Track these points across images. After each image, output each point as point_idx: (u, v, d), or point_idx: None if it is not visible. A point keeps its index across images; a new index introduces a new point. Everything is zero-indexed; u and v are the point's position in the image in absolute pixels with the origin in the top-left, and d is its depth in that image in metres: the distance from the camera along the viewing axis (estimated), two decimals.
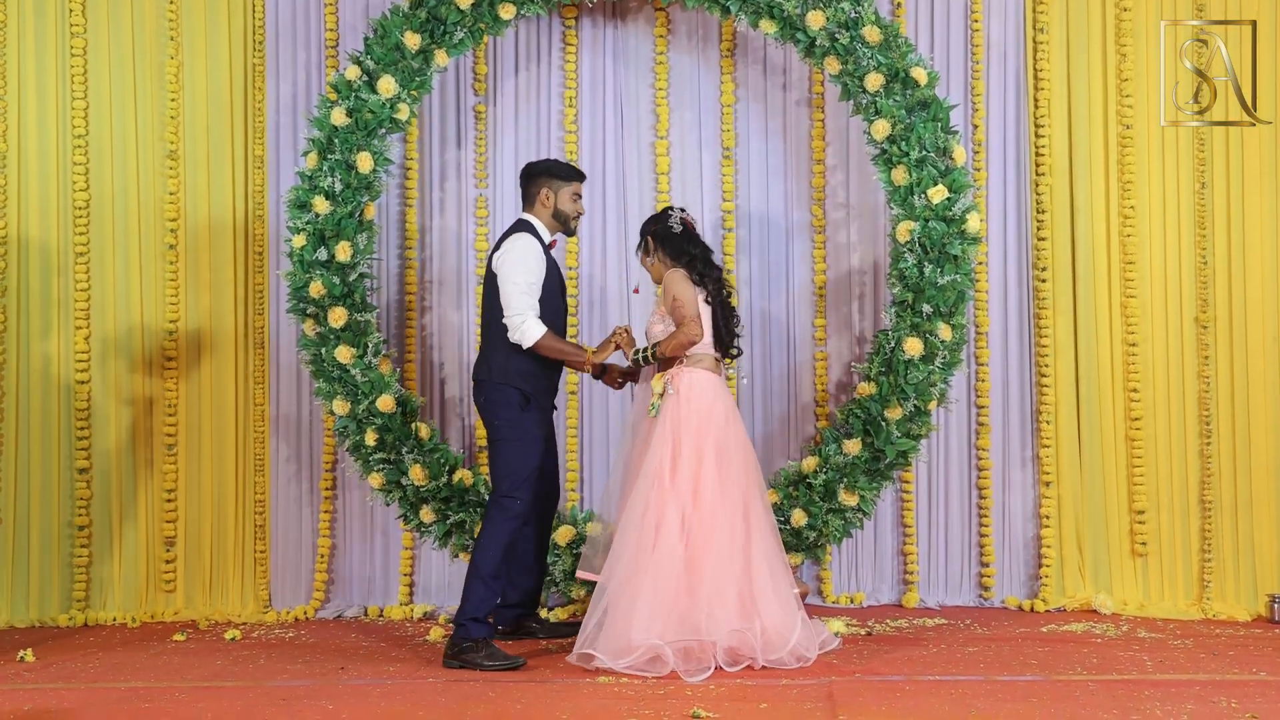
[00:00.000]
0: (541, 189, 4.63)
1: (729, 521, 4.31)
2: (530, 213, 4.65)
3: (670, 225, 4.61)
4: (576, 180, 4.69)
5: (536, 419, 4.56)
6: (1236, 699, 3.72)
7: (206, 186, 5.49)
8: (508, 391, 4.51)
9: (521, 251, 4.50)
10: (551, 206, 4.63)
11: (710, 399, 4.45)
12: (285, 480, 5.50)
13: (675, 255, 4.57)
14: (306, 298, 5.06)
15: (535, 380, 4.54)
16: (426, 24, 5.08)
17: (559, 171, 4.67)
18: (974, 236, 5.03)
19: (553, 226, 4.65)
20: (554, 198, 4.63)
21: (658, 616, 4.12)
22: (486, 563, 4.41)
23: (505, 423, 4.51)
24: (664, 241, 4.60)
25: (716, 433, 4.40)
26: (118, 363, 5.45)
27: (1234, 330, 5.40)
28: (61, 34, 5.46)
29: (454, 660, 4.31)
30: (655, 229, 4.64)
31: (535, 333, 4.44)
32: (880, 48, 5.01)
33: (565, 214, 4.65)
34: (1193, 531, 5.38)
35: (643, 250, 4.69)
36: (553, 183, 4.63)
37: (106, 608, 5.39)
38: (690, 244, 4.59)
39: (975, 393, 5.48)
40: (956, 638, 4.77)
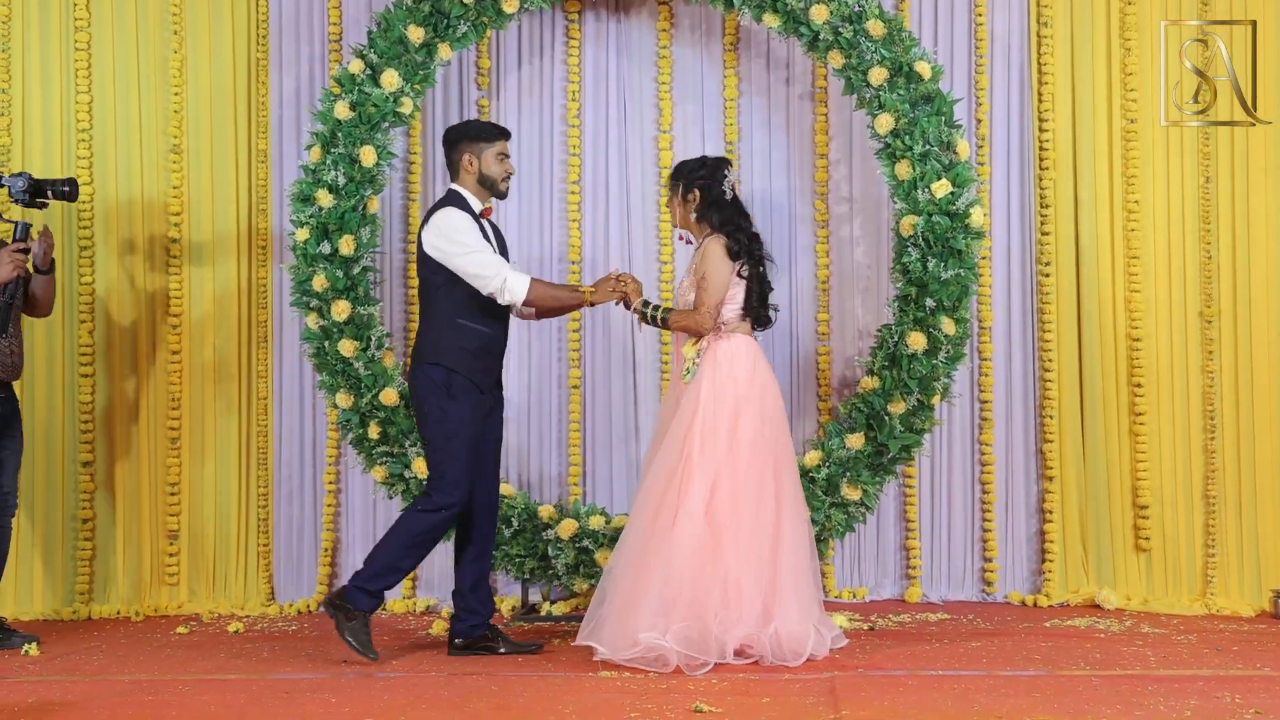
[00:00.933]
0: (464, 155, 4.36)
1: (758, 506, 4.17)
2: (457, 182, 4.40)
3: (723, 190, 4.35)
4: (500, 139, 4.41)
5: (467, 413, 4.29)
6: (1240, 694, 3.71)
7: (210, 180, 5.49)
8: (434, 372, 4.28)
9: (447, 223, 4.27)
10: (476, 171, 4.36)
11: (749, 369, 4.29)
12: (288, 474, 5.50)
13: (719, 222, 4.34)
14: (310, 291, 5.06)
15: (469, 358, 4.30)
16: (430, 17, 5.08)
17: (479, 133, 4.40)
18: (977, 231, 5.02)
19: (481, 194, 4.38)
20: (477, 162, 4.36)
21: (665, 611, 4.05)
22: (396, 544, 4.29)
23: (431, 412, 4.29)
24: (711, 204, 4.35)
25: (754, 406, 4.24)
26: (121, 356, 5.46)
27: (1238, 325, 5.39)
28: (65, 28, 5.46)
29: (329, 607, 4.29)
30: (703, 183, 4.37)
31: (521, 284, 4.23)
32: (884, 42, 5.00)
33: (492, 177, 4.37)
34: (1196, 526, 5.37)
35: (678, 195, 4.41)
36: (474, 146, 4.37)
37: (110, 601, 5.40)
38: (738, 214, 4.36)
39: (978, 387, 5.48)
40: (959, 633, 4.76)
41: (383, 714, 3.59)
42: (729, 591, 4.09)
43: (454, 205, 4.34)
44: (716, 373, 4.26)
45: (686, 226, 4.46)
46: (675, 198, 4.44)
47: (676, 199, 4.43)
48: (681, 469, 4.17)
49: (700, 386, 4.25)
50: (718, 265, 4.29)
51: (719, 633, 4.06)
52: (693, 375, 4.28)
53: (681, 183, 4.41)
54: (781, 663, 4.09)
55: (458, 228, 4.28)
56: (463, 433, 4.29)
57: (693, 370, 4.29)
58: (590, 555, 5.07)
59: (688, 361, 4.32)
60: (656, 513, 4.15)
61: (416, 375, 4.35)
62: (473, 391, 4.33)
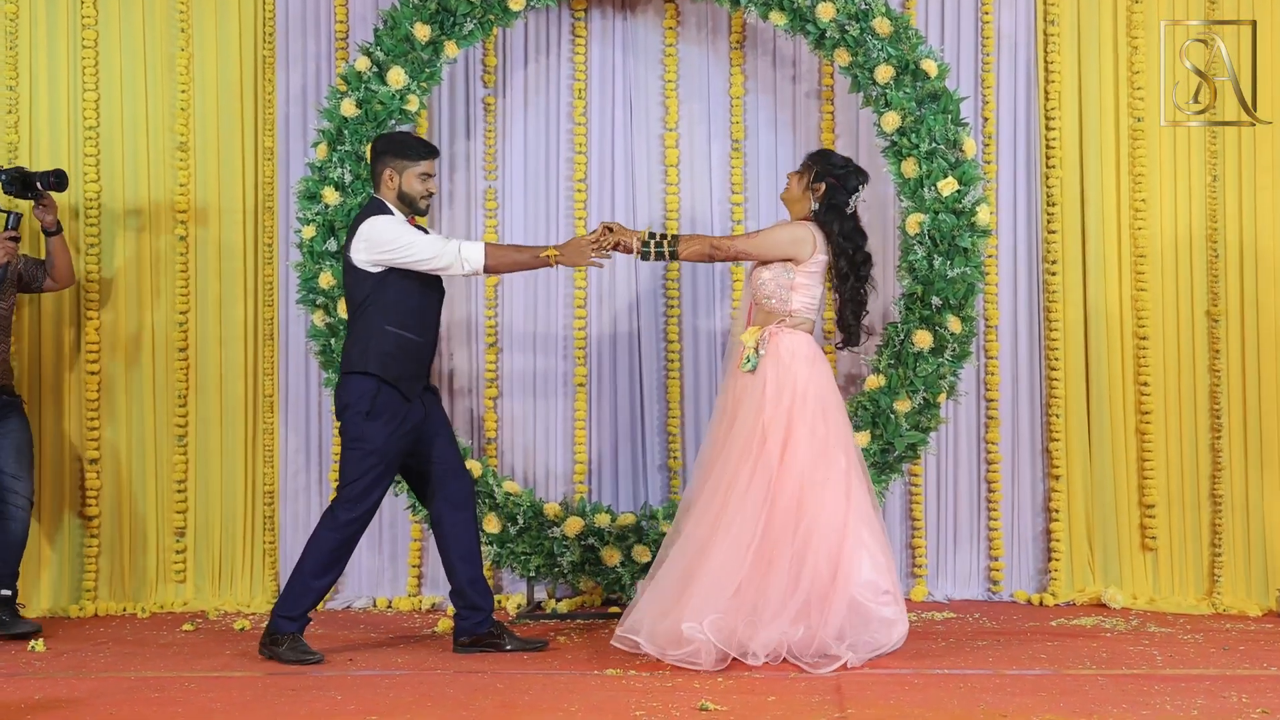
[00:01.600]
0: (385, 169, 4.27)
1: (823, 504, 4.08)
2: (379, 194, 4.33)
3: (849, 201, 4.33)
4: (427, 159, 4.30)
5: (386, 434, 4.21)
6: (1247, 694, 3.71)
7: (216, 178, 5.49)
8: (362, 382, 4.20)
9: (375, 233, 4.19)
10: (396, 188, 4.27)
11: (809, 367, 4.23)
12: (294, 471, 5.51)
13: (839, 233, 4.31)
14: (316, 289, 5.07)
15: (397, 366, 4.23)
16: (436, 15, 5.08)
17: (403, 150, 4.28)
18: (984, 229, 5.01)
19: (401, 209, 4.29)
20: (398, 179, 4.26)
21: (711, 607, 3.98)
22: (309, 566, 4.29)
23: (350, 425, 4.24)
24: (832, 207, 4.32)
25: (814, 405, 4.18)
26: (127, 354, 5.46)
27: (1245, 324, 5.38)
28: (73, 26, 5.47)
29: (265, 650, 4.30)
30: (836, 183, 4.32)
31: (476, 252, 4.20)
32: (890, 40, 5.00)
33: (411, 195, 4.27)
34: (1203, 525, 5.36)
35: (807, 176, 4.35)
36: (397, 163, 4.26)
37: (116, 598, 5.41)
38: (858, 233, 4.34)
39: (985, 386, 5.47)
40: (965, 631, 4.76)
41: (388, 711, 3.59)
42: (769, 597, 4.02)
43: (378, 213, 4.27)
44: (777, 370, 4.20)
45: (792, 206, 4.41)
46: (803, 177, 4.38)
47: (804, 180, 4.37)
48: (749, 469, 4.10)
49: (765, 382, 4.19)
50: (783, 242, 4.27)
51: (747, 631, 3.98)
52: (753, 365, 4.22)
53: (817, 169, 4.36)
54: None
55: (386, 232, 4.22)
56: (378, 452, 4.25)
57: (753, 359, 4.23)
58: (596, 553, 5.07)
59: (747, 349, 4.26)
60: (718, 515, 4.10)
61: (343, 383, 4.30)
62: (399, 404, 4.26)
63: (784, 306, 4.31)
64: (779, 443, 4.13)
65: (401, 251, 4.21)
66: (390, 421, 4.25)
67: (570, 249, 4.33)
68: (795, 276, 4.29)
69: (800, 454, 4.13)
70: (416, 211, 4.34)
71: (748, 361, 4.24)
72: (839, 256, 4.32)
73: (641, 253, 4.32)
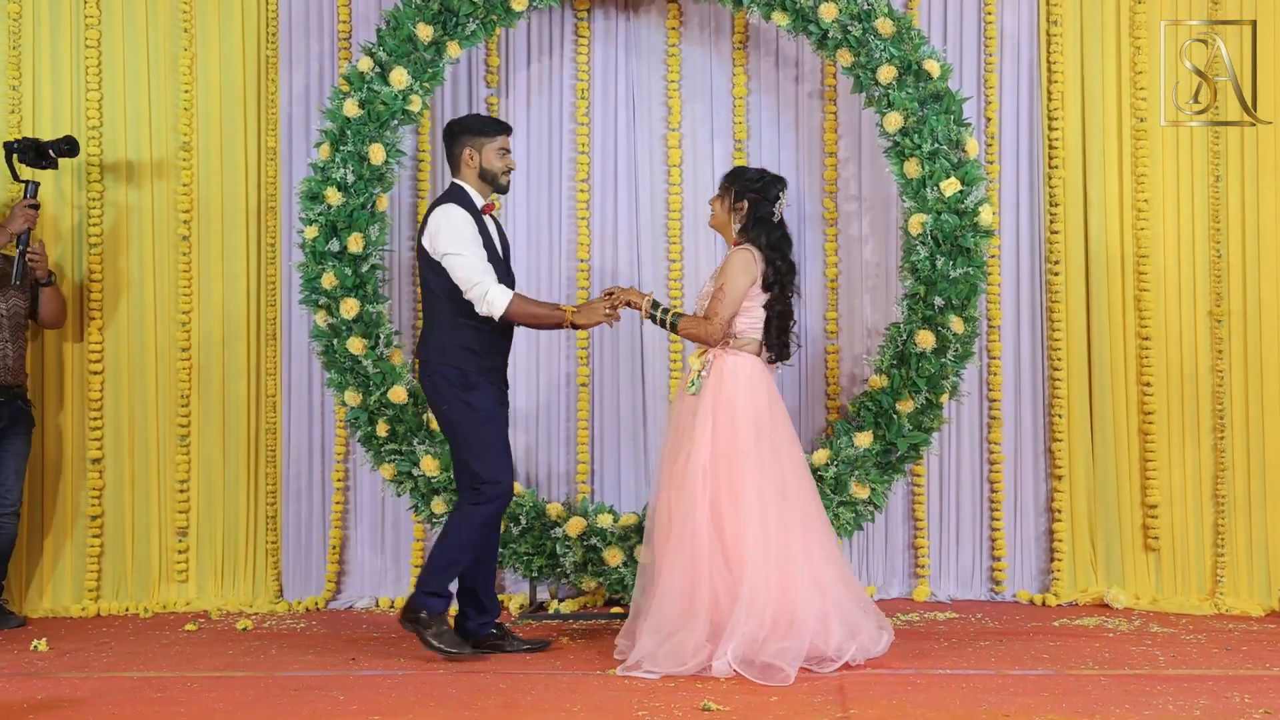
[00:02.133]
0: (465, 149, 4.33)
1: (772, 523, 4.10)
2: (458, 177, 4.37)
3: (771, 210, 4.30)
4: (502, 134, 4.37)
5: (490, 399, 4.29)
6: (1250, 694, 3.70)
7: (219, 178, 5.50)
8: (446, 371, 4.27)
9: (448, 222, 4.23)
10: (477, 166, 4.33)
11: (749, 386, 4.24)
12: (297, 471, 5.51)
13: (766, 244, 4.28)
14: (319, 289, 5.07)
15: (478, 358, 4.29)
16: (439, 15, 5.08)
17: (480, 127, 4.37)
18: (986, 229, 5.01)
19: (482, 189, 4.35)
20: (479, 157, 4.33)
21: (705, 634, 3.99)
22: (453, 542, 4.25)
23: (454, 407, 4.26)
24: (759, 221, 4.30)
25: (758, 424, 4.20)
26: (130, 353, 5.47)
27: (1248, 324, 5.38)
28: (76, 26, 5.47)
29: (407, 624, 4.29)
30: (755, 197, 4.31)
31: (502, 300, 4.19)
32: (893, 40, 5.00)
33: (493, 171, 4.34)
34: (1206, 526, 5.36)
35: (728, 199, 4.34)
36: (475, 140, 4.33)
37: (119, 598, 5.42)
38: (784, 240, 4.31)
39: (987, 386, 5.47)
40: (967, 631, 4.76)
41: (391, 712, 3.59)
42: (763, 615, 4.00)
43: (456, 202, 4.31)
44: (720, 390, 4.22)
45: (722, 230, 4.42)
46: (724, 200, 4.38)
47: (725, 201, 4.37)
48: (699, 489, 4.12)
49: (706, 403, 4.21)
50: (739, 279, 4.23)
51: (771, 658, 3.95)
52: (697, 388, 4.25)
53: (735, 188, 4.35)
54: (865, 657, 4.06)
55: (456, 227, 4.25)
56: (491, 419, 4.27)
57: (697, 383, 4.26)
58: (598, 553, 5.07)
59: (692, 373, 4.30)
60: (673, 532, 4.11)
61: (429, 376, 4.32)
62: (489, 386, 4.33)
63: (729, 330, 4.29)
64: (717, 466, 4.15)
65: (448, 259, 4.23)
66: (486, 392, 4.28)
67: (586, 310, 4.35)
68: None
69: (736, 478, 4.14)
70: (499, 189, 4.39)
71: (692, 385, 4.28)
72: (767, 266, 4.28)
73: (650, 316, 4.35)
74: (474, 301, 4.22)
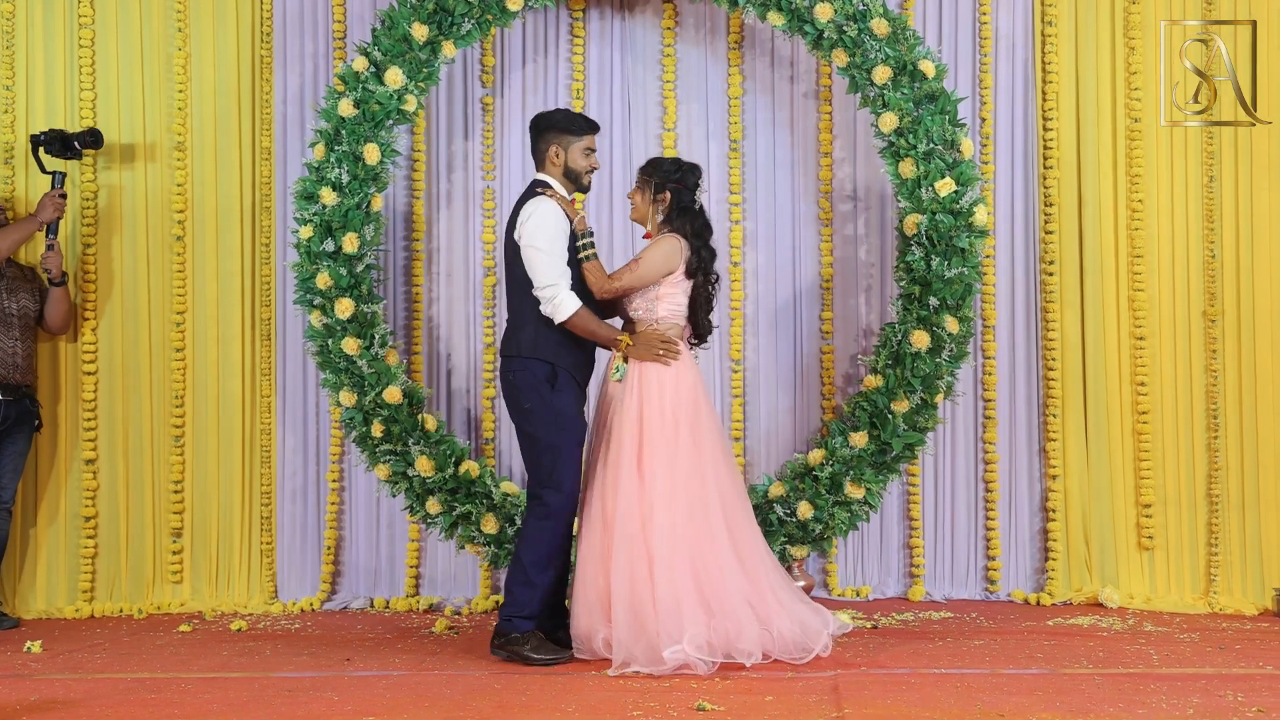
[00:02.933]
0: (550, 146, 4.31)
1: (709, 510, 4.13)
2: (542, 172, 4.34)
3: (693, 198, 4.32)
4: (589, 133, 4.34)
5: (573, 405, 4.24)
6: (1243, 693, 3.71)
7: (214, 178, 5.49)
8: (536, 366, 4.20)
9: (540, 217, 4.18)
10: (562, 164, 4.31)
11: (675, 375, 4.23)
12: (291, 471, 5.50)
13: (690, 233, 4.30)
14: (313, 289, 5.06)
15: (569, 353, 4.23)
16: (434, 15, 5.08)
17: (568, 125, 4.33)
18: (981, 229, 5.02)
19: (565, 186, 4.33)
20: (564, 155, 4.30)
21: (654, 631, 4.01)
22: (526, 560, 4.17)
23: (536, 406, 4.20)
24: (682, 210, 4.31)
25: (685, 411, 4.20)
26: (125, 354, 5.46)
27: (1242, 325, 5.39)
28: (70, 26, 5.46)
29: (500, 650, 4.20)
30: (676, 187, 4.32)
31: (569, 307, 4.14)
32: (888, 40, 5.00)
33: (577, 171, 4.32)
34: (1200, 525, 5.37)
35: (647, 191, 4.34)
36: (562, 139, 4.30)
37: (113, 599, 5.41)
38: (705, 228, 4.33)
39: (982, 386, 5.47)
40: (962, 631, 4.76)
41: (385, 712, 3.59)
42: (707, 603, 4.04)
43: (546, 197, 4.24)
44: (645, 377, 4.20)
45: (644, 223, 4.40)
46: (644, 192, 4.36)
47: (645, 194, 4.36)
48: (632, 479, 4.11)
49: (631, 392, 4.20)
50: (659, 261, 4.23)
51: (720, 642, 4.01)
52: (621, 375, 4.24)
53: (654, 180, 4.35)
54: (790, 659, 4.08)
55: (545, 224, 4.18)
56: (571, 426, 4.22)
57: (622, 369, 4.24)
58: None
59: (616, 359, 4.28)
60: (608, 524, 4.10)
61: (515, 369, 4.24)
62: (574, 386, 4.27)
63: (650, 315, 4.29)
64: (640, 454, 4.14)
65: (528, 252, 4.18)
66: (570, 395, 4.23)
67: (643, 341, 4.25)
68: (660, 287, 4.27)
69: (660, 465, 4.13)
70: (580, 187, 4.37)
71: (617, 371, 4.26)
72: (692, 254, 4.28)
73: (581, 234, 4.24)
74: (542, 300, 4.16)
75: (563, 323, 4.17)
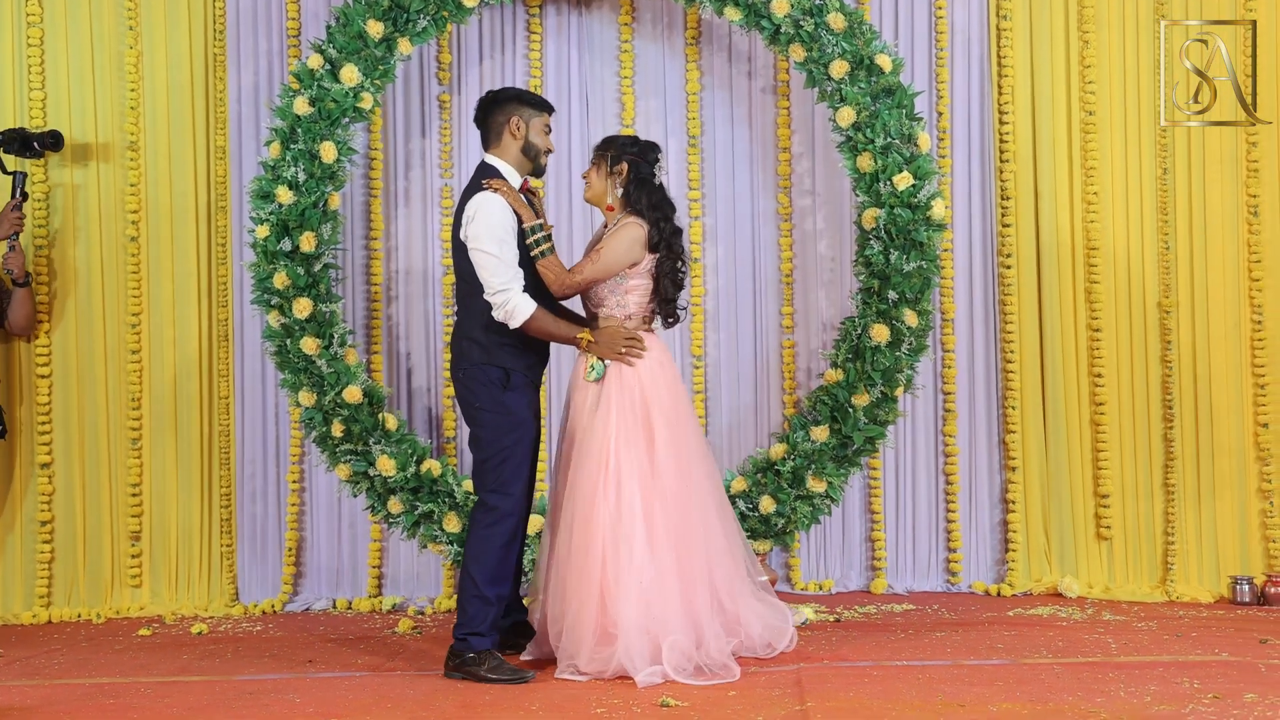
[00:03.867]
0: (511, 118, 4.09)
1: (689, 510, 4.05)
2: (494, 151, 4.12)
3: (652, 172, 4.12)
4: (547, 111, 4.18)
5: (525, 399, 4.10)
6: (1199, 680, 3.76)
7: (168, 177, 5.43)
8: (488, 370, 4.05)
9: (485, 215, 3.97)
10: (522, 138, 4.09)
11: (657, 367, 4.09)
12: (251, 473, 5.45)
13: (648, 206, 4.10)
14: (271, 289, 5.02)
15: (522, 356, 4.09)
16: (389, 12, 5.04)
17: (530, 99, 4.16)
18: (939, 223, 5.05)
19: (521, 165, 4.13)
20: (525, 128, 4.10)
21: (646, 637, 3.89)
22: (478, 574, 3.99)
23: (487, 406, 4.05)
24: (640, 183, 4.11)
25: (664, 404, 4.05)
26: (79, 356, 5.39)
27: (1195, 316, 5.45)
28: (18, 24, 5.38)
29: (455, 671, 3.98)
30: (633, 159, 4.12)
31: (524, 311, 3.96)
32: (845, 35, 5.02)
33: (536, 148, 4.12)
34: (1156, 515, 5.43)
35: (604, 165, 4.15)
36: (523, 110, 4.10)
37: (70, 604, 5.34)
38: (665, 202, 4.11)
39: (941, 379, 5.51)
40: (924, 623, 4.79)
41: (348, 714, 3.57)
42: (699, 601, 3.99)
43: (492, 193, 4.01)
44: (619, 373, 4.05)
45: (600, 202, 4.20)
46: (600, 168, 4.16)
47: (601, 170, 4.16)
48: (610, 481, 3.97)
49: (605, 390, 4.04)
50: (622, 252, 4.05)
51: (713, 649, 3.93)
52: (599, 374, 4.06)
53: (610, 153, 4.15)
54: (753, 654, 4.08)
55: (491, 222, 3.98)
56: (523, 428, 4.07)
57: (598, 368, 4.06)
58: None
59: (591, 358, 4.09)
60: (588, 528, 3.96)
61: (467, 373, 4.08)
62: (528, 388, 4.14)
63: (622, 311, 4.14)
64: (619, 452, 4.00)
65: (476, 255, 3.99)
66: (524, 397, 4.09)
67: (604, 337, 4.09)
68: (629, 280, 4.11)
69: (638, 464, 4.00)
70: (536, 170, 4.17)
71: (593, 370, 4.07)
72: (652, 228, 4.08)
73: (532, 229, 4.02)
74: (494, 306, 3.98)
75: (520, 328, 4.00)
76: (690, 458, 4.13)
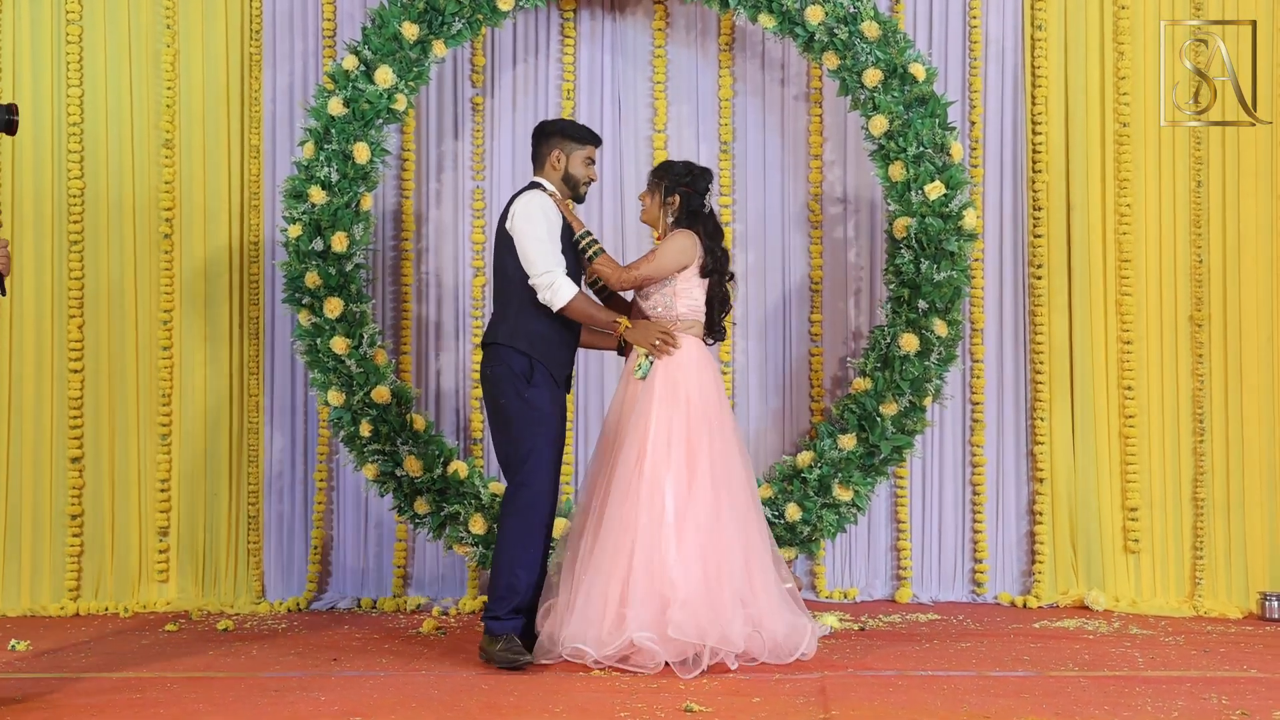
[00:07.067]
0: (553, 150, 4.35)
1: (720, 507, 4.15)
2: (540, 175, 4.38)
3: (702, 202, 4.38)
4: (591, 144, 4.40)
5: (548, 395, 4.24)
6: (1227, 695, 3.73)
7: (202, 176, 5.47)
8: (513, 357, 4.20)
9: (536, 207, 4.23)
10: (562, 170, 4.35)
11: (697, 367, 4.30)
12: (279, 471, 5.48)
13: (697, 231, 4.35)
14: (302, 288, 5.05)
15: (547, 347, 4.24)
16: (424, 14, 5.07)
17: (573, 133, 4.39)
18: (970, 233, 5.03)
19: (562, 191, 4.37)
20: (565, 160, 4.34)
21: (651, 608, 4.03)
22: (501, 563, 4.17)
23: (510, 401, 4.20)
24: (692, 214, 4.37)
25: (707, 405, 4.25)
26: (111, 352, 5.44)
27: (1228, 329, 5.42)
28: (57, 22, 5.44)
29: (482, 654, 4.19)
30: (686, 191, 4.37)
31: (567, 292, 4.16)
32: (879, 43, 5.01)
33: (576, 179, 4.36)
34: (1185, 529, 5.39)
35: (658, 194, 4.40)
36: (565, 144, 4.35)
37: (99, 597, 5.38)
38: (716, 230, 4.39)
39: (970, 389, 5.49)
40: (949, 633, 4.77)
41: (372, 712, 3.58)
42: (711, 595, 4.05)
43: (543, 192, 4.29)
44: (669, 371, 4.26)
45: (654, 225, 4.46)
46: (654, 195, 4.42)
47: (655, 197, 4.42)
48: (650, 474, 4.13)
49: (654, 386, 4.24)
50: (673, 255, 4.29)
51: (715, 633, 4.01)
52: (645, 372, 4.26)
53: (665, 184, 4.40)
54: (777, 661, 4.09)
55: (539, 215, 4.22)
56: (546, 423, 4.21)
57: (645, 366, 4.27)
58: None
59: (640, 356, 4.30)
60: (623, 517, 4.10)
61: (493, 363, 4.24)
62: (551, 384, 4.26)
63: (670, 313, 4.33)
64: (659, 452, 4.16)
65: (532, 237, 4.19)
66: (546, 392, 4.22)
67: (642, 327, 4.31)
68: (677, 283, 4.32)
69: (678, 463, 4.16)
70: (576, 197, 4.40)
71: (640, 369, 4.27)
72: (706, 255, 4.34)
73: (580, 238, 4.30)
74: (538, 287, 4.17)
75: (562, 309, 4.17)
76: (729, 462, 4.24)
